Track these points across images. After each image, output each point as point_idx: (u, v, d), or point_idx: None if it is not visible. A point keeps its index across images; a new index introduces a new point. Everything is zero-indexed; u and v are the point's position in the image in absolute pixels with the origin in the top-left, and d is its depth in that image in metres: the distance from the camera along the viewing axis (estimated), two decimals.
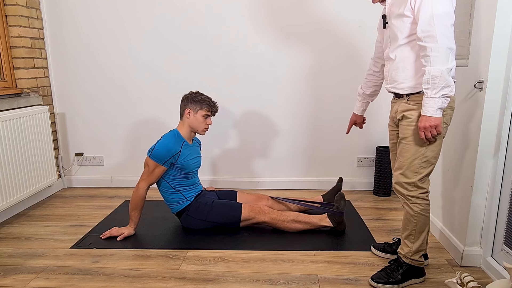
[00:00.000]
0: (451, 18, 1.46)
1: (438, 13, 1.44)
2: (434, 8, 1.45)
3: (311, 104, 2.92)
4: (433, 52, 1.46)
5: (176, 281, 1.80)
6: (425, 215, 1.68)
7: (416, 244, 1.70)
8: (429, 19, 1.46)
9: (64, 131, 3.11)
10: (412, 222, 1.69)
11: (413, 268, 1.73)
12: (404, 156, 1.66)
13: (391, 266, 1.75)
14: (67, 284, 1.78)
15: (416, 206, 1.67)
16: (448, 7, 1.46)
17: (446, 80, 1.46)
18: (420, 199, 1.66)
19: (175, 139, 2.20)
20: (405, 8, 1.53)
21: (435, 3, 1.45)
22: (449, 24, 1.45)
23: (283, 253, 2.04)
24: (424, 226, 1.69)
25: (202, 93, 2.25)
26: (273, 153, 3.04)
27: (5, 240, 2.23)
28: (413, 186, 1.65)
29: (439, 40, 1.45)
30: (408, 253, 1.72)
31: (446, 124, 1.63)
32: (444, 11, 1.45)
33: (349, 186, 3.05)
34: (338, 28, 2.77)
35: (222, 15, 2.81)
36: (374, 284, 1.73)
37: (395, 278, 1.71)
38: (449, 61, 1.46)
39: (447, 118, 1.62)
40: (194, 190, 2.32)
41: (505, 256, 1.76)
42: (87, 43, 2.93)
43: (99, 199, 2.90)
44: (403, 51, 1.61)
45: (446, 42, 1.45)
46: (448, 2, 1.46)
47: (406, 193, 1.67)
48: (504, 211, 1.77)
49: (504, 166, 1.75)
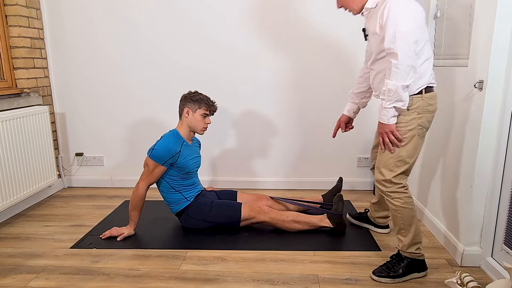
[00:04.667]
0: (413, 36, 1.56)
1: (400, 32, 1.55)
2: (397, 27, 1.55)
3: (312, 104, 2.92)
4: (394, 68, 1.57)
5: (176, 281, 1.80)
6: (407, 207, 1.74)
7: (408, 237, 1.76)
8: (392, 37, 1.56)
9: (64, 131, 3.11)
10: (398, 216, 1.76)
11: (414, 262, 1.78)
12: (381, 155, 1.77)
13: (392, 261, 1.80)
14: (67, 284, 1.78)
15: (396, 200, 1.74)
16: (411, 26, 1.56)
17: (399, 95, 1.59)
18: (399, 193, 1.74)
19: (174, 139, 2.20)
20: (377, 27, 1.65)
21: (398, 23, 1.55)
22: (411, 42, 1.55)
23: (283, 253, 2.04)
24: (410, 218, 1.75)
25: (200, 93, 2.25)
26: (273, 153, 3.04)
27: (5, 240, 2.24)
28: (389, 183, 1.75)
29: (400, 58, 1.55)
30: (403, 247, 1.78)
31: (421, 126, 1.70)
32: (407, 30, 1.55)
33: (349, 186, 3.05)
34: (338, 28, 2.77)
35: (222, 15, 2.81)
36: (376, 278, 1.78)
37: (396, 272, 1.76)
38: (408, 78, 1.57)
39: (423, 120, 1.69)
40: (194, 190, 2.31)
41: (505, 256, 1.76)
42: (87, 43, 2.93)
43: (99, 199, 2.90)
44: (382, 64, 1.71)
45: (407, 60, 1.55)
46: (411, 21, 1.56)
47: (385, 189, 1.76)
48: (504, 211, 1.77)
49: (504, 166, 1.75)
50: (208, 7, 2.81)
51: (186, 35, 2.87)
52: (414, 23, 1.57)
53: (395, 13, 1.56)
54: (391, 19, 1.56)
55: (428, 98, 1.69)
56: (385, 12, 1.59)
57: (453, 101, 2.01)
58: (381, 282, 1.76)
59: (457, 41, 2.02)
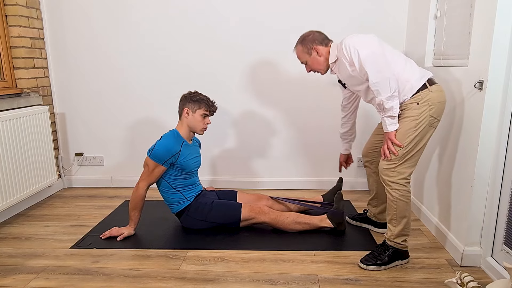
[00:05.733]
0: (376, 53, 1.73)
1: (363, 57, 1.74)
2: (359, 54, 1.75)
3: (312, 104, 2.92)
4: (373, 87, 1.75)
5: (176, 281, 1.80)
6: (404, 200, 1.82)
7: (398, 228, 1.86)
8: (359, 65, 1.76)
9: (64, 131, 3.11)
10: (393, 207, 1.85)
11: (398, 251, 1.89)
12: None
13: (378, 249, 1.91)
14: (67, 284, 1.78)
15: (395, 191, 1.82)
16: (370, 47, 1.75)
17: (385, 107, 1.75)
18: (399, 185, 1.81)
19: (174, 139, 2.19)
20: (347, 67, 1.84)
21: (358, 51, 1.75)
22: (376, 59, 1.73)
23: (283, 253, 2.04)
24: (404, 211, 1.84)
25: (200, 93, 2.25)
26: (273, 153, 3.04)
27: (5, 240, 2.24)
28: (393, 171, 1.81)
29: (372, 77, 1.73)
30: (391, 236, 1.88)
31: (433, 117, 1.78)
32: (367, 53, 1.74)
33: (349, 186, 3.05)
34: (339, 28, 2.77)
35: (222, 15, 2.81)
36: (364, 266, 1.88)
37: (382, 260, 1.87)
38: (389, 88, 1.72)
39: (435, 111, 1.78)
40: (194, 190, 2.31)
41: (505, 256, 1.76)
42: (87, 43, 2.93)
43: (99, 199, 2.90)
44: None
45: (379, 76, 1.72)
46: (367, 44, 1.76)
47: (388, 178, 1.83)
48: (504, 211, 1.77)
49: (504, 166, 1.75)
50: (208, 7, 2.81)
51: (186, 35, 2.86)
52: (370, 44, 1.75)
53: (352, 46, 1.77)
54: (352, 52, 1.77)
55: (436, 90, 1.78)
56: (345, 51, 1.80)
57: (453, 101, 2.01)
58: (369, 269, 1.86)
59: (457, 41, 2.02)
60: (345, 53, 1.80)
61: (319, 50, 1.94)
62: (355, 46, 1.76)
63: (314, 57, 1.96)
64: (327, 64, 1.96)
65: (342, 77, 1.97)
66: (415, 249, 2.06)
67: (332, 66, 1.96)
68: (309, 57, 1.97)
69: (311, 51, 1.95)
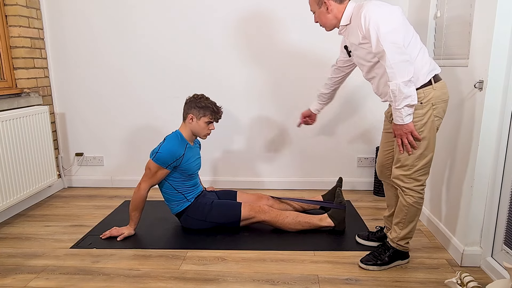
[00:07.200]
0: (397, 33, 1.58)
1: (383, 34, 1.57)
2: (378, 30, 1.58)
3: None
4: (388, 69, 1.59)
5: (176, 281, 1.80)
6: (416, 207, 1.78)
7: (403, 232, 1.84)
8: (376, 42, 1.59)
9: (64, 131, 3.11)
10: (403, 211, 1.80)
11: (399, 252, 1.88)
12: (400, 154, 1.76)
13: (379, 250, 1.90)
14: (67, 284, 1.78)
15: (409, 198, 1.77)
16: (392, 24, 1.58)
17: (403, 93, 1.58)
18: (414, 191, 1.76)
19: (179, 142, 2.17)
20: (360, 38, 1.68)
21: (379, 26, 1.58)
22: (396, 39, 1.57)
23: (283, 253, 2.04)
24: (414, 216, 1.81)
25: (207, 98, 2.19)
26: (273, 153, 3.04)
27: (5, 240, 2.24)
28: (409, 178, 1.76)
29: (389, 58, 1.57)
30: (395, 238, 1.86)
31: (438, 117, 1.71)
32: (388, 30, 1.57)
33: (349, 186, 3.05)
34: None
35: (222, 16, 2.81)
36: (364, 266, 1.87)
37: (382, 260, 1.86)
38: (406, 72, 1.57)
39: (438, 111, 1.70)
40: (195, 191, 2.31)
41: (505, 256, 1.76)
42: (87, 43, 2.93)
43: (99, 199, 2.90)
44: (379, 68, 1.73)
45: (397, 57, 1.56)
46: (391, 20, 1.59)
47: (402, 184, 1.78)
48: (504, 211, 1.77)
49: (504, 166, 1.76)
50: (208, 8, 2.81)
51: (186, 36, 2.86)
52: (394, 21, 1.59)
53: (373, 19, 1.59)
54: (371, 25, 1.59)
55: (440, 87, 1.70)
56: (363, 22, 1.62)
57: (453, 101, 2.01)
58: (369, 269, 1.86)
59: (457, 41, 2.02)
60: (362, 24, 1.63)
61: (330, 6, 1.75)
62: (376, 21, 1.59)
63: (322, 11, 1.78)
64: (335, 24, 1.79)
65: (349, 44, 1.82)
66: (415, 249, 2.06)
67: (342, 28, 1.79)
68: (318, 8, 1.79)
69: (321, 3, 1.77)
